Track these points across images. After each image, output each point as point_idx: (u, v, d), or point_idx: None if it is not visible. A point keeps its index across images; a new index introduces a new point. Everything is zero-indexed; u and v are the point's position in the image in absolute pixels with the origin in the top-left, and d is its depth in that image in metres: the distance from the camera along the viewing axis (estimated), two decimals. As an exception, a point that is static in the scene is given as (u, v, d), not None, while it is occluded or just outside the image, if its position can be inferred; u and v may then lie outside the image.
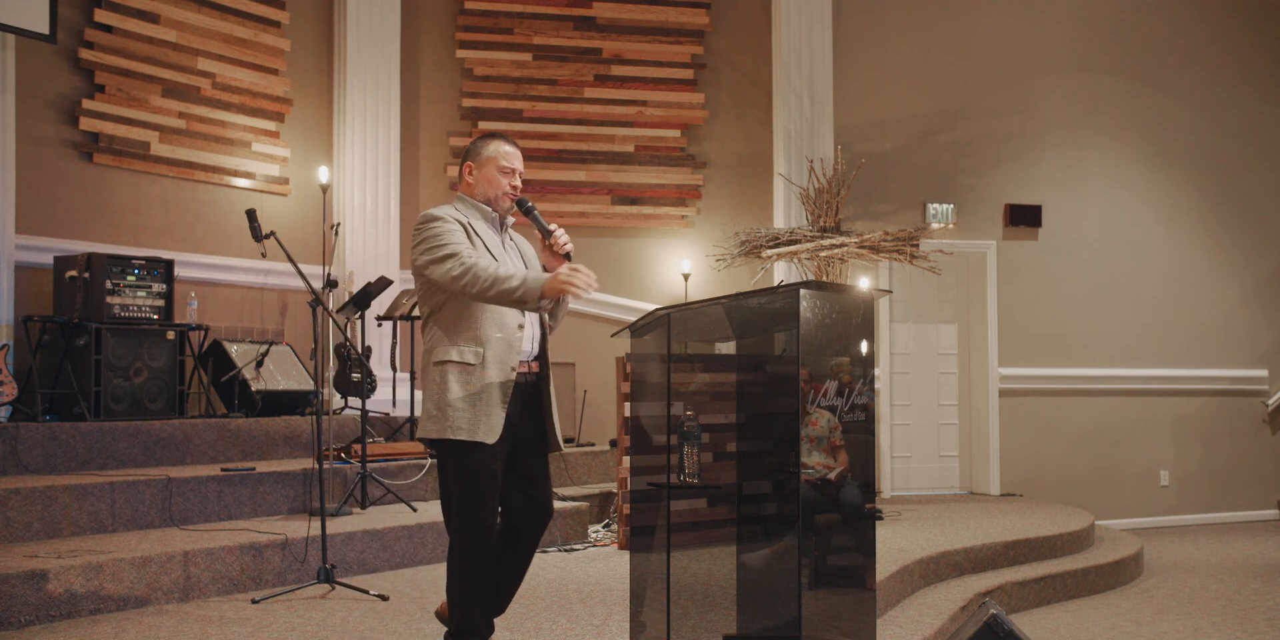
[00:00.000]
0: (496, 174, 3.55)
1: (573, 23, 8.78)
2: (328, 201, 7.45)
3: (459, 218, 3.49)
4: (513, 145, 3.60)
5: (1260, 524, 9.80)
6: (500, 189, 3.55)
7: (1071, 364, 9.46)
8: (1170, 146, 9.89)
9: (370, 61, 8.12)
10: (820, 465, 3.52)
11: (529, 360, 3.51)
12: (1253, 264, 10.09)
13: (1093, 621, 5.96)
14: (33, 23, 6.13)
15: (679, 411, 3.57)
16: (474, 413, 3.37)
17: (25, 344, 6.12)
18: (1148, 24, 9.89)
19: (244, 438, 6.42)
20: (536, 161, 8.66)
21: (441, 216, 3.46)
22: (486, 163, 3.56)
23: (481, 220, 3.55)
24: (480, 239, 3.47)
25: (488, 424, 3.37)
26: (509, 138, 3.63)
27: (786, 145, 8.77)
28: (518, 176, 3.57)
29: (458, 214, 3.51)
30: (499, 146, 3.57)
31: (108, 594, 4.31)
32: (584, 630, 4.15)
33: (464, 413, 3.37)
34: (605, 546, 6.12)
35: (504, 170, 3.55)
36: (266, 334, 7.56)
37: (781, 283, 7.72)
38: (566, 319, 3.71)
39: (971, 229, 9.30)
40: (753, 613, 3.59)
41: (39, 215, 6.47)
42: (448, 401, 3.38)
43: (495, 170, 3.55)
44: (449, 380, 3.39)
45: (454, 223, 3.44)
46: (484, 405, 3.38)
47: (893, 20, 9.29)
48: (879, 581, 4.87)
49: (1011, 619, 3.89)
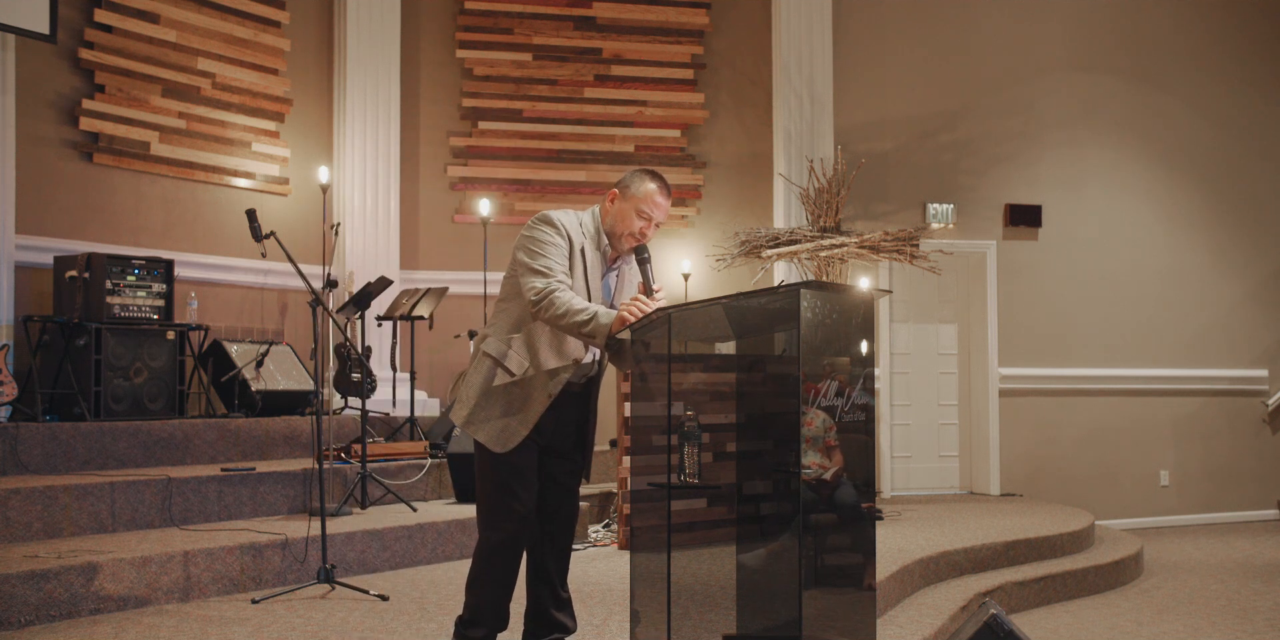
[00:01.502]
0: (633, 216, 3.46)
1: (573, 23, 8.78)
2: (328, 201, 7.45)
3: (573, 232, 3.44)
4: (666, 195, 3.49)
5: (1260, 524, 9.80)
6: (629, 229, 3.47)
7: (1071, 364, 9.46)
8: (1170, 146, 9.89)
9: (370, 61, 8.12)
10: (815, 465, 3.52)
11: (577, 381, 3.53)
12: (1253, 264, 10.09)
13: (1093, 621, 5.95)
14: (33, 23, 6.13)
15: (679, 411, 3.56)
16: (500, 422, 3.42)
17: (25, 344, 6.12)
18: (1148, 24, 9.89)
19: (244, 438, 6.42)
20: (536, 161, 8.67)
21: (557, 224, 3.42)
22: (631, 199, 3.47)
23: (594, 247, 3.51)
24: (583, 262, 3.44)
25: (506, 435, 3.43)
26: (667, 186, 3.52)
27: (786, 145, 8.77)
28: (653, 228, 3.50)
29: (575, 227, 3.46)
30: (652, 189, 3.47)
31: (108, 594, 4.31)
32: (584, 630, 4.15)
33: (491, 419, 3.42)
34: (605, 546, 6.12)
35: (642, 214, 3.46)
36: (266, 334, 7.56)
37: (781, 283, 7.72)
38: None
39: (971, 229, 9.30)
40: (753, 613, 3.59)
41: (39, 215, 6.47)
42: (477, 399, 3.44)
43: (634, 211, 3.45)
44: (489, 379, 3.44)
45: (563, 237, 3.41)
46: (513, 417, 3.42)
47: (893, 20, 9.29)
48: (879, 581, 4.87)
49: (1011, 619, 3.89)
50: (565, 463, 3.63)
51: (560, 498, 3.66)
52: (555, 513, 3.67)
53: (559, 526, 3.70)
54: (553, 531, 3.68)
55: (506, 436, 3.44)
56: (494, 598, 3.55)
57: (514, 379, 3.43)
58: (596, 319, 3.26)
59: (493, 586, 3.54)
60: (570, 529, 3.75)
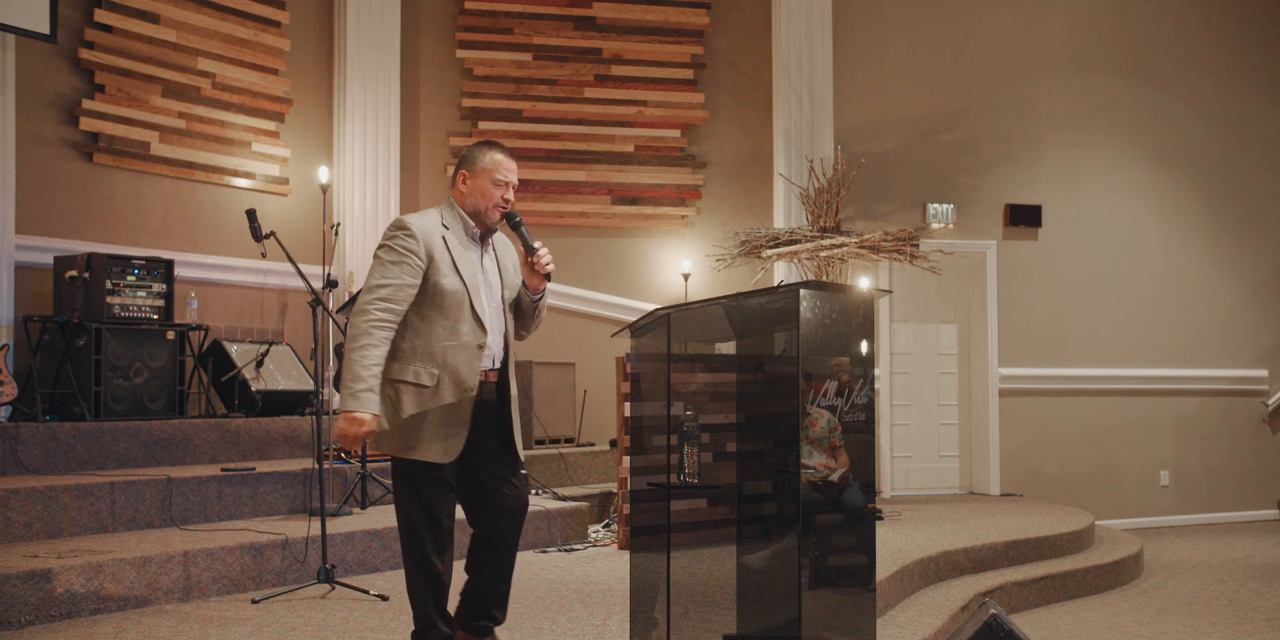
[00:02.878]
0: (490, 186, 3.46)
1: (573, 23, 8.78)
2: (328, 201, 7.44)
3: (430, 228, 3.40)
4: (509, 156, 3.51)
5: (1260, 524, 9.80)
6: (492, 201, 3.47)
7: (1071, 364, 9.46)
8: (1170, 146, 9.89)
9: (370, 61, 8.12)
10: (821, 466, 3.52)
11: (487, 370, 3.46)
12: (1252, 264, 10.09)
13: (1093, 621, 5.96)
14: (33, 23, 6.12)
15: (679, 411, 3.56)
16: (429, 434, 3.34)
17: (25, 344, 6.12)
18: (1148, 24, 9.89)
19: (244, 438, 6.42)
20: (536, 161, 8.67)
21: (410, 227, 3.37)
22: (481, 173, 3.47)
23: (462, 233, 3.48)
24: (449, 253, 3.40)
25: (444, 445, 3.35)
26: (506, 148, 3.54)
27: (786, 145, 8.77)
28: (511, 190, 3.50)
29: (432, 223, 3.43)
30: (495, 157, 3.48)
31: (108, 594, 4.31)
32: (584, 630, 4.15)
33: (416, 433, 3.34)
34: (605, 546, 6.12)
35: (498, 183, 3.47)
36: (266, 334, 7.56)
37: (781, 283, 7.72)
38: (566, 318, 3.72)
39: (971, 229, 9.30)
40: (753, 613, 3.59)
41: (39, 215, 6.47)
42: (401, 421, 3.36)
43: (489, 182, 3.46)
44: (403, 400, 3.36)
45: (417, 239, 3.35)
46: (442, 426, 3.35)
47: (893, 20, 9.29)
48: (879, 581, 4.87)
49: (1011, 619, 3.89)
50: (494, 459, 3.49)
51: (500, 494, 3.47)
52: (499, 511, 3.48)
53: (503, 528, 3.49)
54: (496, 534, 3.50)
55: (451, 446, 3.35)
56: (433, 608, 3.46)
57: (427, 388, 3.35)
58: (353, 396, 3.21)
59: (427, 598, 3.45)
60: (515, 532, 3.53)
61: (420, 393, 3.35)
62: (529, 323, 3.62)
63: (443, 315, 3.37)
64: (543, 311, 3.61)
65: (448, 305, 3.37)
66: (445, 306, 3.37)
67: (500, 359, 3.51)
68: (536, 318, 3.61)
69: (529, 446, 7.59)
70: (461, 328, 3.38)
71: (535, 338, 3.84)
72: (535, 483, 6.92)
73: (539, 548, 6.00)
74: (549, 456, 7.46)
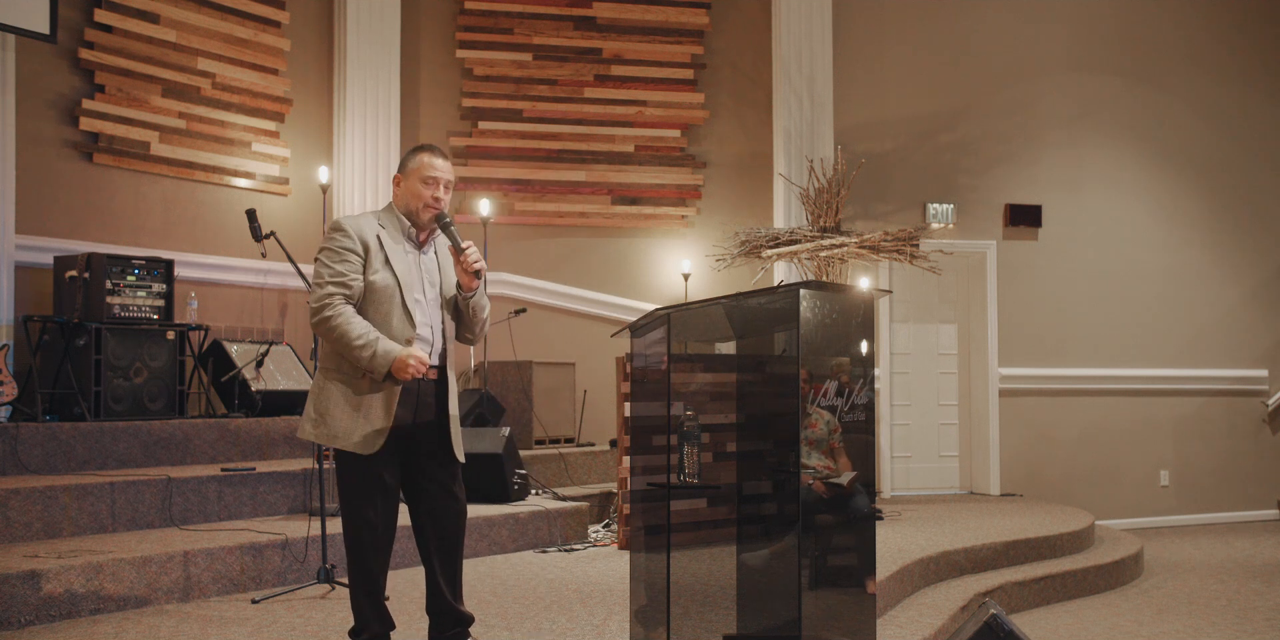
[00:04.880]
0: (420, 186, 3.51)
1: (573, 23, 8.78)
2: (328, 201, 7.44)
3: (365, 228, 3.47)
4: (441, 157, 3.57)
5: (1260, 524, 9.80)
6: (422, 200, 3.52)
7: (1071, 364, 9.46)
8: (1170, 146, 9.89)
9: (370, 61, 8.12)
10: (821, 466, 3.52)
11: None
12: (1252, 264, 10.09)
13: (1093, 621, 5.96)
14: (33, 23, 6.12)
15: (679, 411, 3.56)
16: (353, 423, 3.40)
17: (25, 344, 6.12)
18: (1148, 24, 9.89)
19: (244, 438, 6.42)
20: (536, 161, 8.67)
21: (345, 227, 3.45)
22: (411, 174, 3.54)
23: (397, 232, 3.54)
24: (383, 252, 3.46)
25: (365, 436, 3.40)
26: (439, 150, 3.61)
27: (786, 145, 8.77)
28: (441, 187, 3.53)
29: (369, 223, 3.49)
30: (424, 158, 3.54)
31: (108, 594, 4.31)
32: (584, 630, 4.15)
33: (342, 422, 3.41)
34: (605, 546, 6.12)
35: (427, 181, 3.52)
36: (266, 334, 7.56)
37: (781, 283, 7.72)
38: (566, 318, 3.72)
39: (971, 229, 9.30)
40: (753, 613, 3.59)
41: (39, 215, 6.47)
42: (327, 409, 3.43)
43: (419, 182, 3.52)
44: (331, 389, 3.44)
45: (353, 238, 3.43)
46: (365, 416, 3.40)
47: (893, 20, 9.29)
48: (879, 581, 4.87)
49: (1011, 619, 3.89)
50: (435, 465, 3.56)
51: (439, 498, 3.55)
52: (441, 516, 3.56)
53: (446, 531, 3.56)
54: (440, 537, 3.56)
55: (373, 436, 3.40)
56: (366, 603, 3.52)
57: (358, 379, 3.42)
58: (376, 357, 3.33)
59: (364, 595, 3.52)
60: (458, 534, 3.60)
61: (347, 383, 3.43)
62: (470, 324, 3.66)
63: (374, 309, 3.45)
64: (481, 313, 3.64)
65: (379, 299, 3.45)
66: (377, 301, 3.45)
67: (437, 360, 3.56)
68: (476, 319, 3.64)
69: (529, 447, 7.59)
70: (392, 320, 3.45)
71: (535, 338, 3.85)
72: (535, 483, 6.92)
73: (539, 548, 6.00)
74: (549, 456, 7.46)
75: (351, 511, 3.47)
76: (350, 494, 3.47)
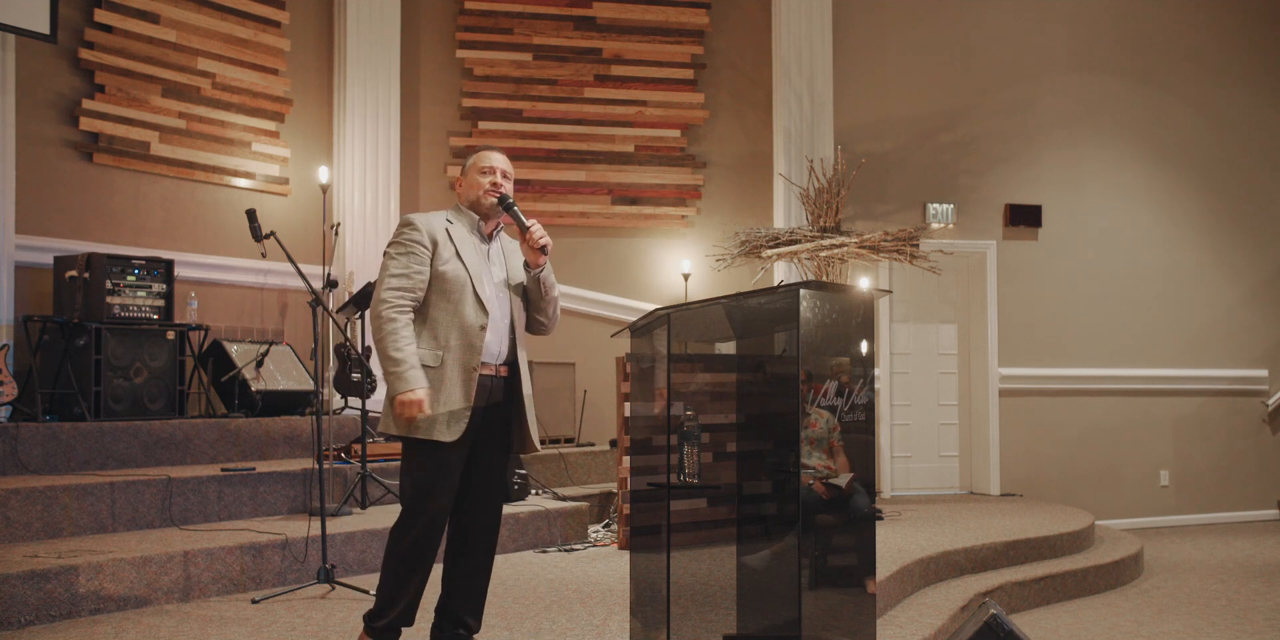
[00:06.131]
0: (478, 176, 3.66)
1: (573, 23, 8.78)
2: (328, 201, 7.45)
3: (435, 223, 3.56)
4: (496, 152, 3.72)
5: (1260, 524, 9.80)
6: (481, 188, 3.64)
7: (1071, 364, 9.46)
8: (1170, 146, 9.89)
9: (370, 61, 8.12)
10: (821, 466, 3.52)
11: (496, 364, 3.57)
12: (1252, 264, 10.09)
13: (1093, 621, 5.96)
14: (33, 23, 6.12)
15: (679, 411, 3.56)
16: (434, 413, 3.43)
17: (25, 344, 6.12)
18: (1148, 24, 9.90)
19: (244, 438, 6.42)
20: (536, 161, 8.67)
21: (413, 222, 3.56)
22: (470, 170, 3.69)
23: (465, 227, 3.64)
24: (452, 242, 3.55)
25: (447, 424, 3.44)
26: (494, 147, 3.76)
27: (786, 145, 8.77)
28: (498, 174, 3.65)
29: (436, 219, 3.60)
30: (480, 153, 3.71)
31: (108, 594, 4.31)
32: (584, 630, 4.15)
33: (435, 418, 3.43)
34: (605, 546, 6.12)
35: (484, 171, 3.65)
36: (266, 334, 7.56)
37: (781, 283, 7.72)
38: (566, 318, 3.73)
39: (971, 229, 9.30)
40: (753, 613, 3.59)
41: (39, 215, 6.47)
42: None
43: (477, 173, 3.67)
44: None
45: (421, 231, 3.52)
46: (445, 405, 3.44)
47: (893, 20, 9.29)
48: (879, 581, 4.87)
49: (1011, 619, 3.89)
50: (492, 465, 3.62)
51: (486, 503, 3.61)
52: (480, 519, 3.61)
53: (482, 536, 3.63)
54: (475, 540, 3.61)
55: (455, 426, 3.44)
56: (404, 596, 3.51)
57: (433, 368, 3.47)
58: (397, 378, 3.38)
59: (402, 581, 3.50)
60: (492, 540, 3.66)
61: (426, 373, 3.45)
62: (542, 305, 3.70)
63: (446, 299, 3.51)
64: (551, 291, 3.69)
65: (450, 289, 3.51)
66: (448, 291, 3.51)
67: (507, 352, 3.60)
68: (547, 297, 3.68)
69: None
70: (464, 310, 3.51)
71: (535, 338, 3.85)
72: (535, 483, 6.91)
73: (539, 548, 6.00)
74: (549, 456, 7.46)
75: (419, 505, 3.46)
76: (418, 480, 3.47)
